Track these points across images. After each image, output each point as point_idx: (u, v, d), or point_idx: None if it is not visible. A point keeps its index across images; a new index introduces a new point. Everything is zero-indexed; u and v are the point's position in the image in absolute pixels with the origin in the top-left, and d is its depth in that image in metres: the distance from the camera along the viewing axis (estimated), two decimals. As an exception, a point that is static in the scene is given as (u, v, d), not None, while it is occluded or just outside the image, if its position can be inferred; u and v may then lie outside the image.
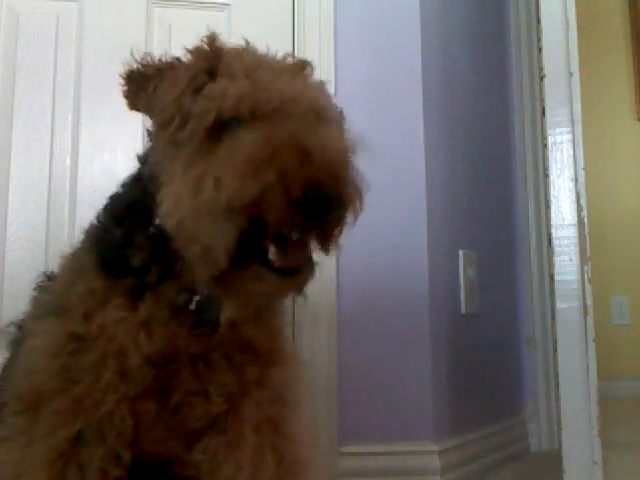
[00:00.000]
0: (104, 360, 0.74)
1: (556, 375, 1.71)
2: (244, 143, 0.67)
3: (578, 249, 1.34)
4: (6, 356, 0.89)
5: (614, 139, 3.49)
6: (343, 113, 0.88)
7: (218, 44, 0.77)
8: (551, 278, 1.79)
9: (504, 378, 1.97)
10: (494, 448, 1.77)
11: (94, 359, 0.74)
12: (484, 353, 1.84)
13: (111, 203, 0.82)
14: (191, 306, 0.77)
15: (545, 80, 1.40)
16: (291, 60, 0.80)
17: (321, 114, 0.75)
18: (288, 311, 1.53)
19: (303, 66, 0.81)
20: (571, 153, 1.37)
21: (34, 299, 0.84)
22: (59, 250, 0.87)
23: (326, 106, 0.78)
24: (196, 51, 0.76)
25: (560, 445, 1.33)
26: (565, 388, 1.31)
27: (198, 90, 0.72)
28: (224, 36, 0.80)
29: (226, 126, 0.70)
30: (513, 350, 2.04)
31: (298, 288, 0.72)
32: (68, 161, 1.52)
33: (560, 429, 1.32)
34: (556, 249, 1.35)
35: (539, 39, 2.03)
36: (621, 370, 3.27)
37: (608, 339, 3.18)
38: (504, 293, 2.03)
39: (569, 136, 1.37)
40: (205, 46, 0.76)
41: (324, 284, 1.53)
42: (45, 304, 0.80)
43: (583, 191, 1.35)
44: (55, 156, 1.52)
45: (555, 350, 1.90)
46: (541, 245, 2.09)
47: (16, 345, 0.85)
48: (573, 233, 1.34)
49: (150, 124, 0.78)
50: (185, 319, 0.76)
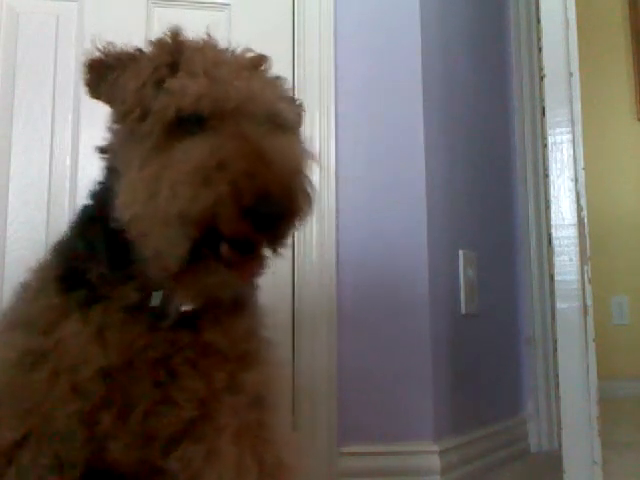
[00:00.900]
0: (56, 375, 0.74)
1: (556, 375, 1.71)
2: (199, 149, 0.68)
3: (578, 249, 1.34)
4: None
5: (614, 139, 3.49)
6: (303, 106, 0.90)
7: (180, 38, 0.78)
8: (551, 278, 1.79)
9: (504, 378, 1.97)
10: (494, 448, 1.77)
11: (47, 374, 0.74)
12: (484, 353, 1.84)
13: (79, 214, 0.83)
14: (154, 302, 0.76)
15: (545, 80, 1.40)
16: (250, 55, 0.82)
17: (276, 117, 0.77)
18: (288, 311, 1.54)
19: (261, 61, 0.83)
20: (571, 153, 1.37)
21: (7, 309, 0.84)
22: (59, 250, 0.87)
23: (282, 109, 0.79)
24: (159, 43, 0.77)
25: (560, 445, 1.33)
26: (565, 388, 1.31)
27: (159, 83, 0.73)
28: (224, 36, 0.80)
29: (185, 123, 0.71)
30: (513, 350, 2.04)
31: (247, 281, 0.74)
32: (68, 161, 1.52)
33: (560, 429, 1.32)
34: (556, 249, 1.35)
35: (539, 39, 2.03)
36: (621, 370, 3.27)
37: (608, 339, 3.18)
38: (504, 293, 2.03)
39: (569, 136, 1.37)
40: (168, 39, 0.77)
41: (324, 283, 1.53)
42: (10, 317, 0.81)
43: (583, 191, 1.35)
44: (55, 156, 1.52)
45: (555, 350, 1.90)
46: (541, 245, 2.09)
47: None
48: (573, 233, 1.34)
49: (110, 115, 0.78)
50: (141, 320, 0.76)
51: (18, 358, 0.75)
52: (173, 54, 0.75)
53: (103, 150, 0.80)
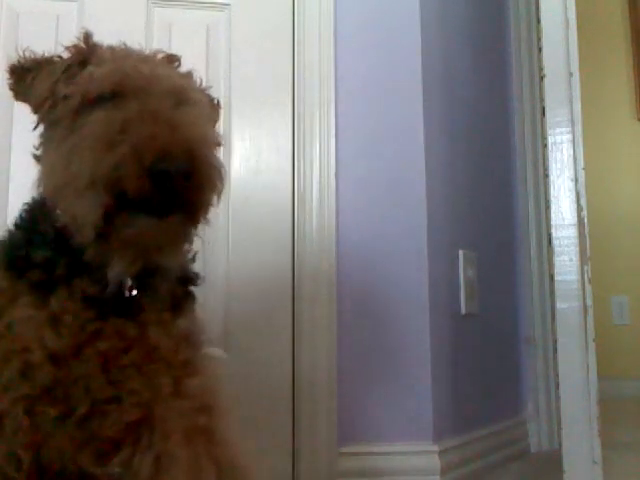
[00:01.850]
0: (6, 358, 0.75)
1: (556, 375, 1.71)
2: (104, 119, 0.73)
3: (578, 249, 1.34)
4: None
5: (614, 139, 3.49)
6: (219, 102, 0.94)
7: (92, 40, 0.85)
8: (551, 278, 1.79)
9: (504, 378, 1.97)
10: (494, 448, 1.77)
11: None
12: (484, 353, 1.84)
13: (18, 214, 0.87)
14: (132, 292, 0.79)
15: (545, 80, 1.40)
16: (162, 54, 0.88)
17: (182, 95, 0.81)
18: (288, 311, 1.54)
19: (171, 59, 0.89)
20: (571, 153, 1.37)
21: None
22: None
23: (187, 88, 0.83)
24: (72, 47, 0.84)
25: (560, 445, 1.33)
26: (565, 388, 1.31)
27: (70, 78, 0.79)
28: (224, 36, 0.82)
29: (93, 105, 0.76)
30: (513, 350, 2.04)
31: (174, 232, 0.75)
32: (68, 161, 1.52)
33: (560, 429, 1.32)
34: (556, 249, 1.35)
35: (539, 39, 2.03)
36: (621, 370, 3.27)
37: (608, 339, 3.18)
38: (504, 293, 2.03)
39: (569, 136, 1.37)
40: (81, 43, 0.84)
41: (324, 283, 1.53)
42: None
43: (583, 191, 1.35)
44: (55, 156, 1.52)
45: (555, 350, 1.90)
46: (541, 245, 2.09)
47: None
48: (573, 233, 1.34)
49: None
50: (93, 307, 0.77)
51: None
52: (85, 54, 0.82)
53: (37, 157, 0.84)
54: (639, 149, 3.51)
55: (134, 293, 0.79)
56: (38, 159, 0.84)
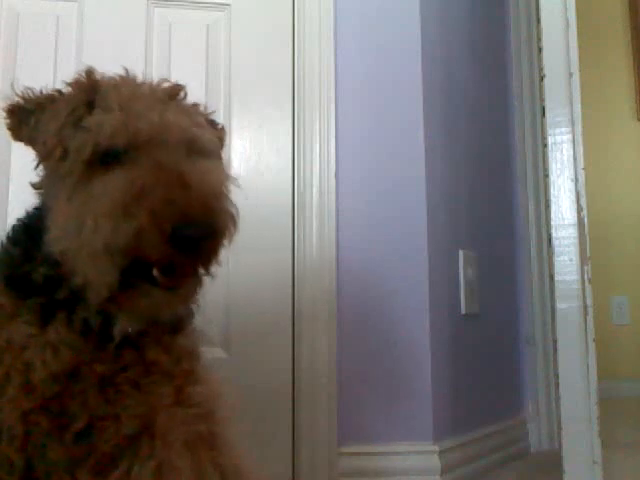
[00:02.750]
0: (8, 375, 0.75)
1: (556, 375, 1.71)
2: (117, 182, 0.71)
3: (578, 249, 1.34)
4: None
5: (614, 139, 3.49)
6: (224, 129, 0.93)
7: (95, 77, 0.81)
8: (551, 278, 1.79)
9: (504, 378, 1.97)
10: (494, 448, 1.77)
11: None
12: (484, 353, 1.84)
13: (11, 229, 0.85)
14: (123, 331, 0.78)
15: (545, 80, 1.40)
16: (166, 85, 0.84)
17: (193, 144, 0.79)
18: (287, 312, 1.54)
19: (177, 90, 0.85)
20: (571, 153, 1.37)
21: None
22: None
23: (198, 135, 0.81)
24: (75, 84, 0.80)
25: (560, 445, 1.33)
26: (565, 388, 1.31)
27: (77, 122, 0.76)
28: (224, 36, 0.81)
29: (103, 158, 0.74)
30: (513, 350, 2.04)
31: (184, 300, 0.76)
32: (68, 161, 1.52)
33: (560, 429, 1.32)
34: (556, 249, 1.35)
35: (539, 39, 2.03)
36: (621, 370, 3.27)
37: (608, 339, 3.18)
38: (504, 293, 2.03)
39: (569, 136, 1.37)
40: (83, 79, 0.81)
41: (324, 284, 1.53)
42: None
43: (583, 191, 1.36)
44: (55, 156, 1.52)
45: (555, 350, 1.90)
46: (541, 245, 2.09)
47: None
48: (573, 233, 1.35)
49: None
50: (94, 340, 0.77)
51: None
52: (89, 93, 0.78)
53: (36, 186, 0.84)
54: (639, 149, 3.51)
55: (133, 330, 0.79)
56: (36, 188, 0.83)
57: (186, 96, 0.87)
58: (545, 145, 1.53)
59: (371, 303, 1.55)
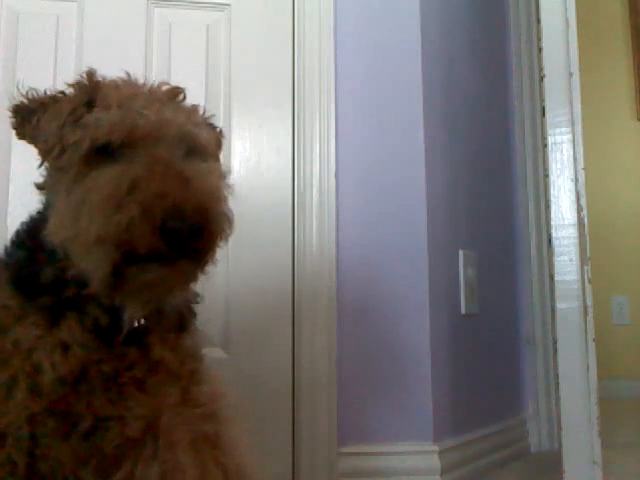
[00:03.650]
0: (16, 378, 0.76)
1: (556, 375, 1.71)
2: (112, 174, 0.72)
3: (578, 249, 1.34)
4: None
5: (614, 139, 3.49)
6: (222, 132, 0.94)
7: (96, 78, 0.83)
8: (551, 278, 1.79)
9: (504, 378, 1.97)
10: (494, 448, 1.77)
11: (7, 376, 0.76)
12: (484, 353, 1.84)
13: (15, 234, 0.86)
14: (141, 321, 0.79)
15: (545, 80, 1.40)
16: (166, 87, 0.86)
17: (190, 142, 0.80)
18: (288, 312, 1.54)
19: (177, 92, 0.87)
20: (571, 153, 1.37)
21: None
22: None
23: (194, 133, 0.82)
24: (76, 85, 0.83)
25: (560, 445, 1.33)
26: (565, 388, 1.31)
27: (77, 120, 0.78)
28: (224, 36, 0.82)
29: (101, 153, 0.75)
30: (513, 350, 2.04)
31: (184, 277, 0.75)
32: (68, 161, 1.52)
33: (560, 429, 1.32)
34: (556, 249, 1.35)
35: (539, 39, 2.03)
36: (621, 370, 3.27)
37: (608, 339, 3.18)
38: (504, 293, 2.03)
39: (569, 136, 1.37)
40: (84, 80, 0.83)
41: (324, 284, 1.53)
42: None
43: (583, 191, 1.36)
44: (55, 156, 1.52)
45: (555, 350, 1.90)
46: (541, 245, 2.09)
47: None
48: (573, 233, 1.35)
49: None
50: (104, 339, 0.78)
51: None
52: (90, 93, 0.80)
53: (40, 186, 0.85)
54: (639, 149, 3.51)
55: (142, 322, 0.80)
56: (40, 188, 0.84)
57: (185, 98, 0.88)
58: (545, 145, 1.53)
59: (371, 303, 1.55)
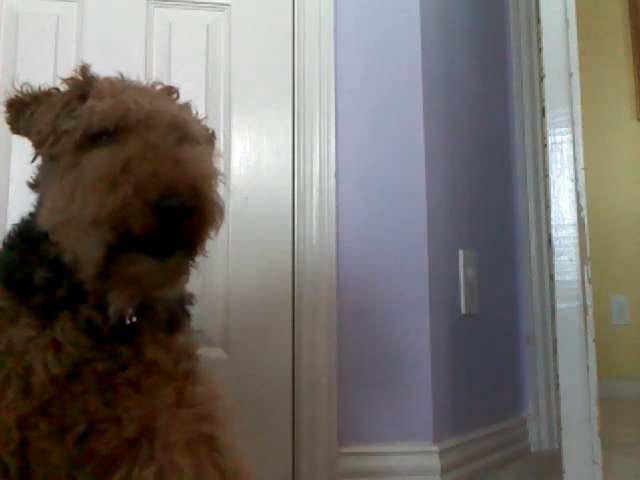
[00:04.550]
0: (8, 379, 0.76)
1: (556, 375, 1.71)
2: (106, 158, 0.72)
3: (578, 249, 1.34)
4: None
5: (614, 139, 3.49)
6: (215, 134, 0.95)
7: (89, 73, 0.85)
8: (551, 278, 1.79)
9: (504, 378, 1.97)
10: (494, 448, 1.77)
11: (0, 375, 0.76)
12: (484, 353, 1.84)
13: (7, 236, 0.86)
14: (132, 319, 0.79)
15: (545, 80, 1.40)
16: (160, 86, 0.87)
17: (182, 129, 0.81)
18: (288, 312, 1.54)
19: (170, 91, 0.88)
20: (571, 153, 1.37)
21: None
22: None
23: (188, 121, 0.83)
24: (70, 80, 0.84)
25: (560, 445, 1.33)
26: (565, 388, 1.31)
27: (71, 112, 0.79)
28: (224, 36, 0.82)
29: (95, 140, 0.76)
30: (513, 350, 2.04)
31: (174, 273, 0.75)
32: (68, 161, 1.52)
33: (560, 429, 1.32)
34: (556, 249, 1.35)
35: (539, 39, 2.03)
36: (621, 370, 3.27)
37: (608, 339, 3.18)
38: (504, 293, 2.03)
39: (569, 136, 1.37)
40: (78, 75, 0.84)
41: (324, 284, 1.53)
42: None
43: (583, 191, 1.36)
44: (55, 156, 1.52)
45: (555, 350, 1.90)
46: (541, 245, 2.09)
47: None
48: (573, 233, 1.35)
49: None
50: (91, 335, 0.78)
51: None
52: (83, 88, 0.82)
53: (32, 184, 0.85)
54: (639, 149, 3.51)
55: (134, 320, 0.80)
56: (33, 187, 0.84)
57: (179, 97, 0.89)
58: (545, 145, 1.53)
59: (371, 303, 1.55)
